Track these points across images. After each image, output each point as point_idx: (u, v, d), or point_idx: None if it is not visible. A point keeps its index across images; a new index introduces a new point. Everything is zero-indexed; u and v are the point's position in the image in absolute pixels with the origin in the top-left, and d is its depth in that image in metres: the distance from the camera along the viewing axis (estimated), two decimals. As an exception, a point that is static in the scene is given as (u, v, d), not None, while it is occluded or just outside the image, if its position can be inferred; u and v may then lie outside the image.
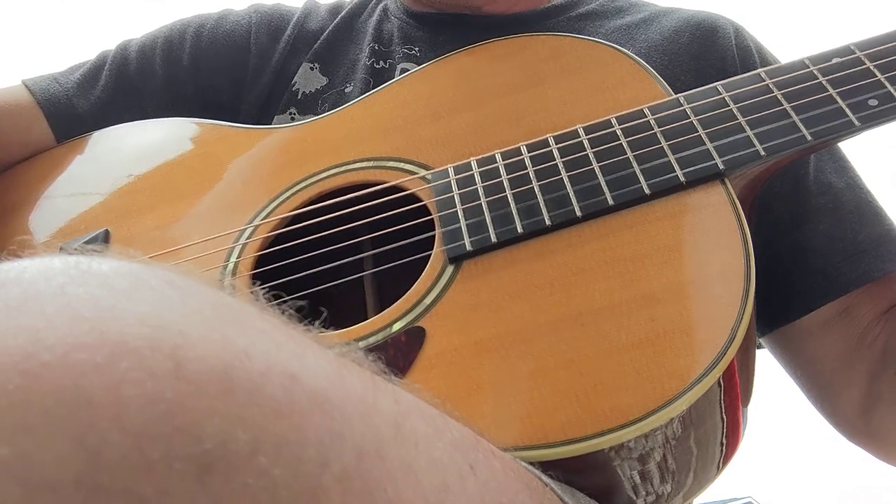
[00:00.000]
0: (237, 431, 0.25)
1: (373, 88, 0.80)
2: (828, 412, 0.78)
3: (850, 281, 0.72)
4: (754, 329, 0.56)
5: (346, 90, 0.85)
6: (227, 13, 0.94)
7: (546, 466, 0.48)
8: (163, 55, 0.90)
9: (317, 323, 0.35)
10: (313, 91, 0.87)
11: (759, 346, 0.81)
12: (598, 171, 0.61)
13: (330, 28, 0.91)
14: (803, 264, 0.75)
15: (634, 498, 0.54)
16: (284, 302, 0.36)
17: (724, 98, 0.63)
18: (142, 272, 0.29)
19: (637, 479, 0.53)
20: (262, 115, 0.88)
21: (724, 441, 0.57)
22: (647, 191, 0.59)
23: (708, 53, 0.80)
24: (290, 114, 0.86)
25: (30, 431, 0.23)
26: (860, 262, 0.73)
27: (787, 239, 0.76)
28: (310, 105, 0.86)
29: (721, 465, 0.59)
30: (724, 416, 0.55)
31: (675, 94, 0.66)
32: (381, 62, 0.87)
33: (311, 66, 0.89)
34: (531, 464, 0.47)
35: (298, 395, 0.28)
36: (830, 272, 0.73)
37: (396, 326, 0.57)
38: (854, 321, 0.73)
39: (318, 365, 0.30)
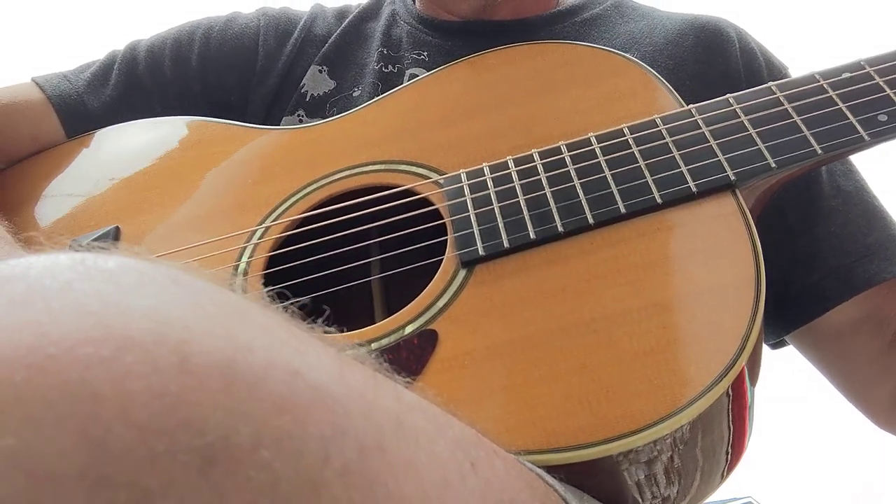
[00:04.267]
0: (239, 425, 0.25)
1: (381, 92, 0.81)
2: (861, 403, 0.79)
3: (863, 281, 0.73)
4: (763, 338, 0.57)
5: (353, 94, 0.86)
6: (236, 16, 0.95)
7: (554, 469, 0.48)
8: (172, 56, 0.91)
9: (320, 321, 0.36)
10: (321, 94, 0.87)
11: (785, 344, 0.82)
12: (610, 179, 0.62)
13: (338, 32, 0.92)
14: (817, 265, 0.75)
15: (640, 502, 0.54)
16: (289, 302, 0.36)
17: (735, 110, 0.64)
18: (147, 268, 0.30)
19: (643, 485, 0.53)
20: (268, 116, 0.88)
21: (730, 450, 0.57)
22: (658, 200, 0.59)
23: (712, 57, 0.81)
24: (299, 115, 0.86)
25: (35, 423, 0.23)
26: (871, 264, 0.73)
27: (800, 241, 0.76)
28: (318, 108, 0.86)
29: (726, 473, 0.59)
30: (732, 426, 0.55)
31: (683, 100, 0.67)
32: (389, 66, 0.87)
33: (320, 68, 0.89)
34: (538, 466, 0.47)
35: (300, 389, 0.28)
36: (843, 273, 0.74)
37: (409, 329, 0.58)
38: (885, 321, 0.74)
39: (319, 361, 0.31)
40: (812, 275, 0.76)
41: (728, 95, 0.65)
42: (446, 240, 0.63)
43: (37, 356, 0.24)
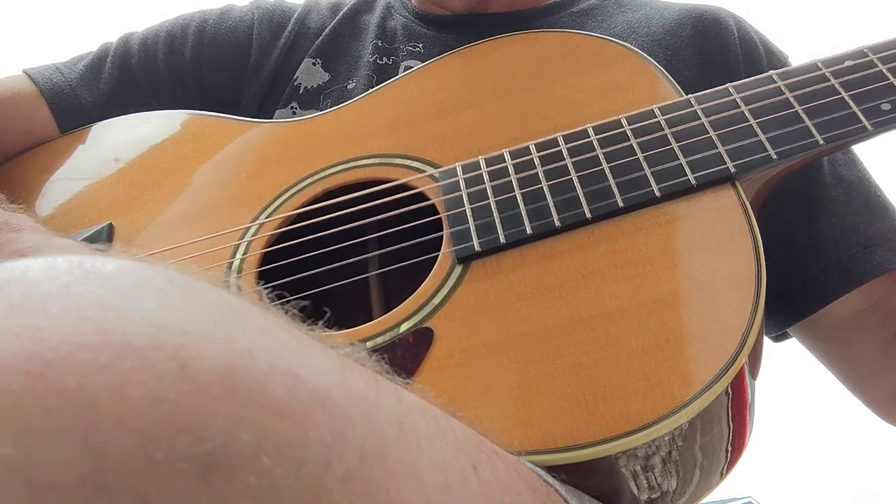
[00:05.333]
0: (239, 431, 0.25)
1: (376, 84, 0.80)
2: (864, 396, 0.79)
3: (866, 272, 0.73)
4: (763, 334, 0.56)
5: (348, 86, 0.86)
6: (230, 9, 0.94)
7: (552, 469, 0.48)
8: (165, 49, 0.91)
9: (320, 323, 0.36)
10: (315, 86, 0.87)
11: (787, 337, 0.82)
12: (608, 172, 0.61)
13: (332, 25, 0.92)
14: (818, 257, 0.75)
15: (639, 500, 0.54)
16: (288, 301, 0.36)
17: (735, 100, 0.63)
18: (145, 271, 0.29)
19: (642, 483, 0.52)
20: (262, 109, 0.88)
21: (730, 448, 0.57)
22: (657, 193, 0.59)
23: (711, 47, 0.80)
24: (292, 108, 0.86)
25: (34, 432, 0.23)
26: (874, 255, 0.73)
27: (802, 233, 0.76)
28: (312, 100, 0.86)
29: (725, 471, 0.59)
30: (731, 424, 0.55)
31: (682, 91, 0.66)
32: (384, 58, 0.87)
33: (314, 61, 0.89)
34: (537, 466, 0.47)
35: (300, 394, 0.28)
36: (845, 264, 0.74)
37: (404, 327, 0.57)
38: (889, 314, 0.74)
39: (320, 364, 0.30)
40: (813, 267, 0.75)
41: (728, 85, 0.64)
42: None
43: (35, 363, 0.24)
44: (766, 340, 0.79)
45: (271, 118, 0.86)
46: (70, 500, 0.23)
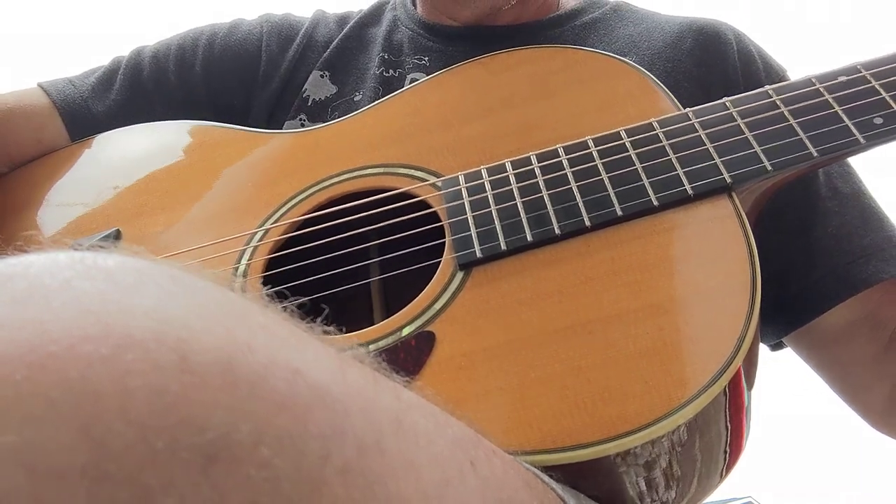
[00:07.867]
0: (240, 423, 0.25)
1: (382, 96, 0.81)
2: (857, 405, 0.79)
3: (860, 281, 0.73)
4: (758, 339, 0.57)
5: (355, 98, 0.86)
6: (239, 23, 0.96)
7: (551, 470, 0.49)
8: (176, 62, 0.92)
9: (319, 320, 0.36)
10: (323, 99, 0.88)
11: (784, 346, 0.82)
12: (607, 182, 0.62)
13: (339, 37, 0.93)
14: (813, 267, 0.76)
15: (638, 503, 0.54)
16: (288, 302, 0.37)
17: (731, 113, 0.64)
18: (146, 268, 0.30)
19: (642, 485, 0.53)
20: (271, 120, 0.89)
21: (728, 449, 0.57)
22: (655, 203, 0.60)
23: (710, 59, 0.81)
24: (301, 120, 0.87)
25: (36, 421, 0.23)
26: (868, 264, 0.74)
27: (797, 242, 0.77)
28: (319, 112, 0.87)
29: (724, 473, 0.59)
30: (729, 425, 0.55)
31: (680, 104, 0.67)
32: (390, 70, 0.88)
33: (322, 73, 0.90)
34: (535, 466, 0.47)
35: (300, 388, 0.28)
36: (840, 273, 0.74)
37: (406, 330, 0.58)
38: (881, 324, 0.74)
39: (319, 359, 0.31)
40: (809, 276, 0.76)
41: (725, 99, 0.65)
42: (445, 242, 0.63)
43: (37, 354, 0.24)
44: (764, 349, 0.79)
45: (280, 129, 0.87)
46: (71, 488, 0.23)
